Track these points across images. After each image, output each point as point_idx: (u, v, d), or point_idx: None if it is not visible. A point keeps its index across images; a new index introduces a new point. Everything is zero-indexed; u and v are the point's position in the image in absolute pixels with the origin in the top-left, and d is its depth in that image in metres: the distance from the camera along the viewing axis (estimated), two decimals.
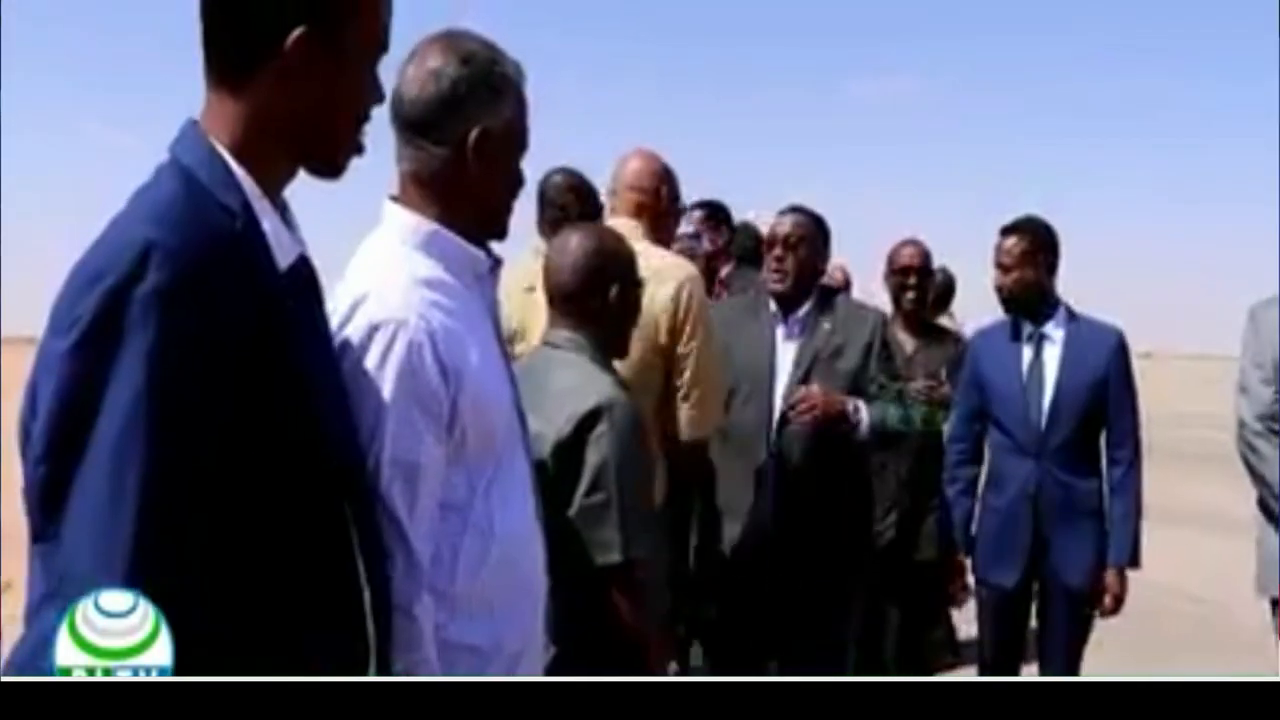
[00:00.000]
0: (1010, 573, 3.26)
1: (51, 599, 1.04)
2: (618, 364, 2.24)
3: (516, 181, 1.66)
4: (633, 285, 2.17)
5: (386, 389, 1.40)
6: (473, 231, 1.58)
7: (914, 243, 4.09)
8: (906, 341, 3.97)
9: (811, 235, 3.26)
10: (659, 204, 2.95)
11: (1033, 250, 3.31)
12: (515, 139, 1.62)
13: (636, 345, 2.38)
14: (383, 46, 1.31)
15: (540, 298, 2.32)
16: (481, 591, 1.50)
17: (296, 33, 1.19)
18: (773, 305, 3.28)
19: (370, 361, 1.41)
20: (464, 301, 1.53)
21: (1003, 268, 3.33)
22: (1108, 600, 3.19)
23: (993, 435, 3.40)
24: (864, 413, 3.11)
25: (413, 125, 1.55)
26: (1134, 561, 3.23)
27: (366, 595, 1.26)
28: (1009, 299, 3.34)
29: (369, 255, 1.56)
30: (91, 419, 1.02)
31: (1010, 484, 3.29)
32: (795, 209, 3.32)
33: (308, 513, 1.19)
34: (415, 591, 1.39)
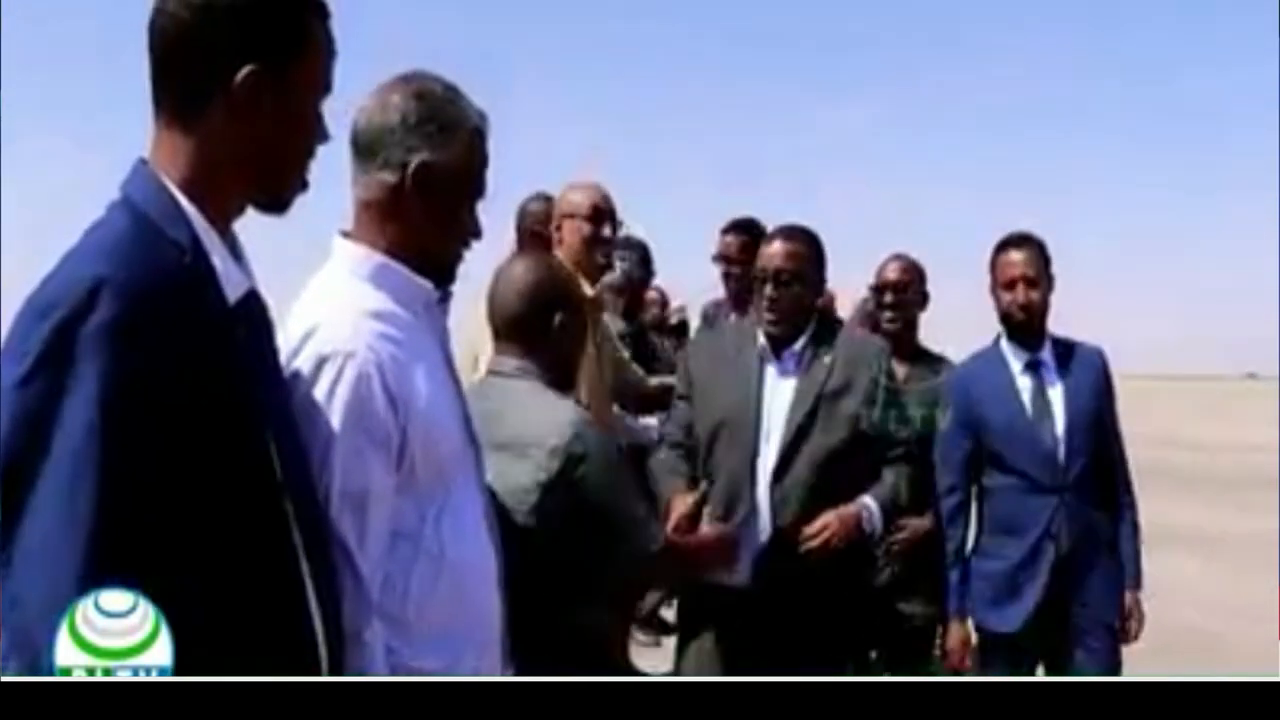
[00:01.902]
0: (1018, 619, 2.98)
1: (3, 624, 1.04)
2: None
3: (463, 226, 1.66)
4: (577, 314, 2.15)
5: (335, 420, 1.42)
6: (417, 266, 1.59)
7: (900, 257, 3.69)
8: (897, 368, 3.52)
9: (807, 266, 2.86)
10: (597, 231, 3.09)
11: (1046, 264, 3.05)
12: (462, 181, 1.62)
13: None
14: (326, 86, 1.33)
15: None
16: (435, 617, 1.52)
17: (246, 70, 1.21)
18: (761, 339, 2.90)
19: (319, 393, 1.42)
20: (413, 332, 1.55)
21: (1028, 282, 3.01)
22: (1133, 625, 3.00)
23: (998, 478, 3.07)
24: (875, 512, 2.78)
25: (361, 151, 1.59)
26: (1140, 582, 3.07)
27: (317, 622, 1.27)
28: (1028, 319, 3.03)
29: (318, 288, 1.57)
30: (43, 449, 1.04)
31: (1031, 526, 2.98)
32: (786, 233, 2.90)
33: (258, 540, 1.20)
34: (365, 617, 1.41)
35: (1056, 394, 3.03)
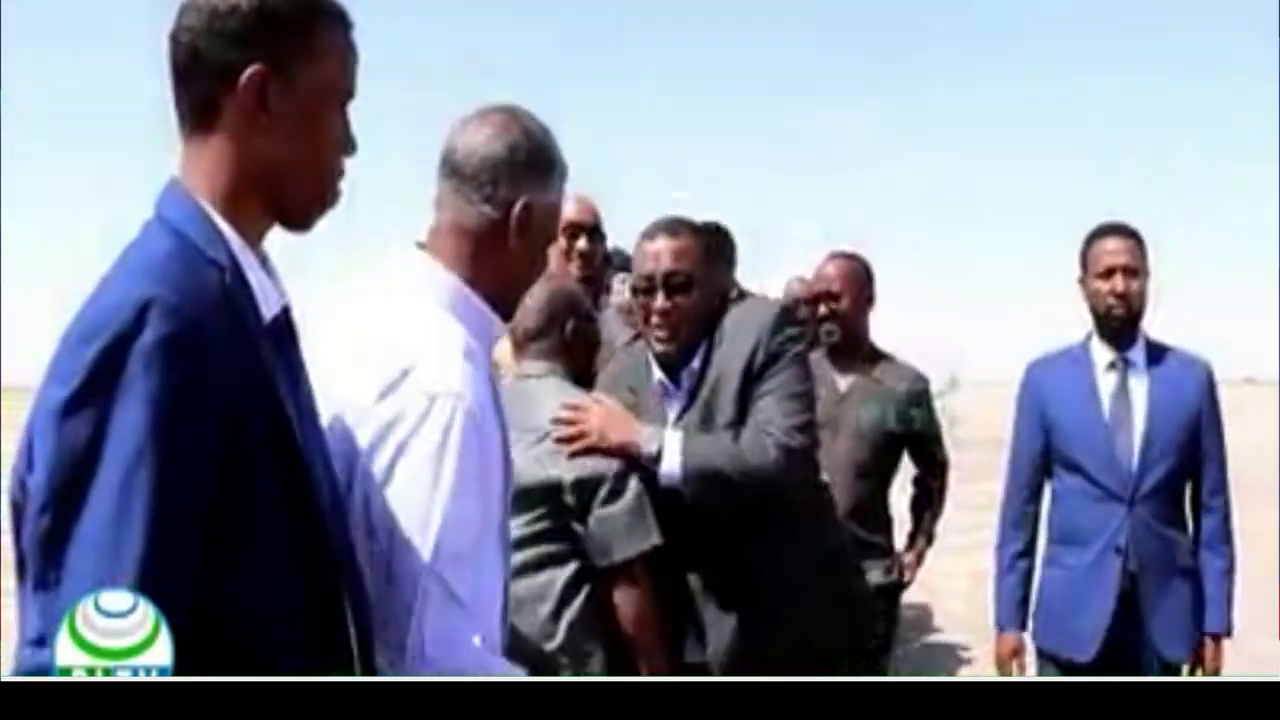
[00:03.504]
0: (1086, 643, 2.73)
1: (48, 644, 1.05)
2: None
3: (543, 264, 1.68)
4: (585, 321, 2.43)
5: (448, 466, 1.37)
6: (491, 300, 1.57)
7: (837, 258, 3.34)
8: (839, 379, 3.24)
9: (701, 266, 2.26)
10: (571, 245, 3.08)
11: (1144, 256, 2.80)
12: (553, 223, 1.65)
13: None
14: (347, 92, 1.31)
15: None
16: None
17: (250, 71, 1.20)
18: (656, 372, 2.32)
19: (431, 437, 1.38)
20: (486, 369, 1.52)
21: (1127, 271, 2.75)
22: (1207, 672, 2.73)
23: (1066, 481, 2.85)
24: (670, 446, 2.13)
25: (465, 179, 1.56)
26: (1229, 629, 2.79)
27: (353, 634, 1.27)
28: (1125, 312, 2.78)
29: (403, 311, 1.51)
30: (93, 468, 1.04)
31: (1094, 537, 2.75)
32: (670, 228, 2.27)
33: (300, 557, 1.20)
34: (491, 663, 1.40)
35: (1140, 397, 2.79)
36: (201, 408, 1.08)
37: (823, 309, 3.32)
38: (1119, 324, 2.80)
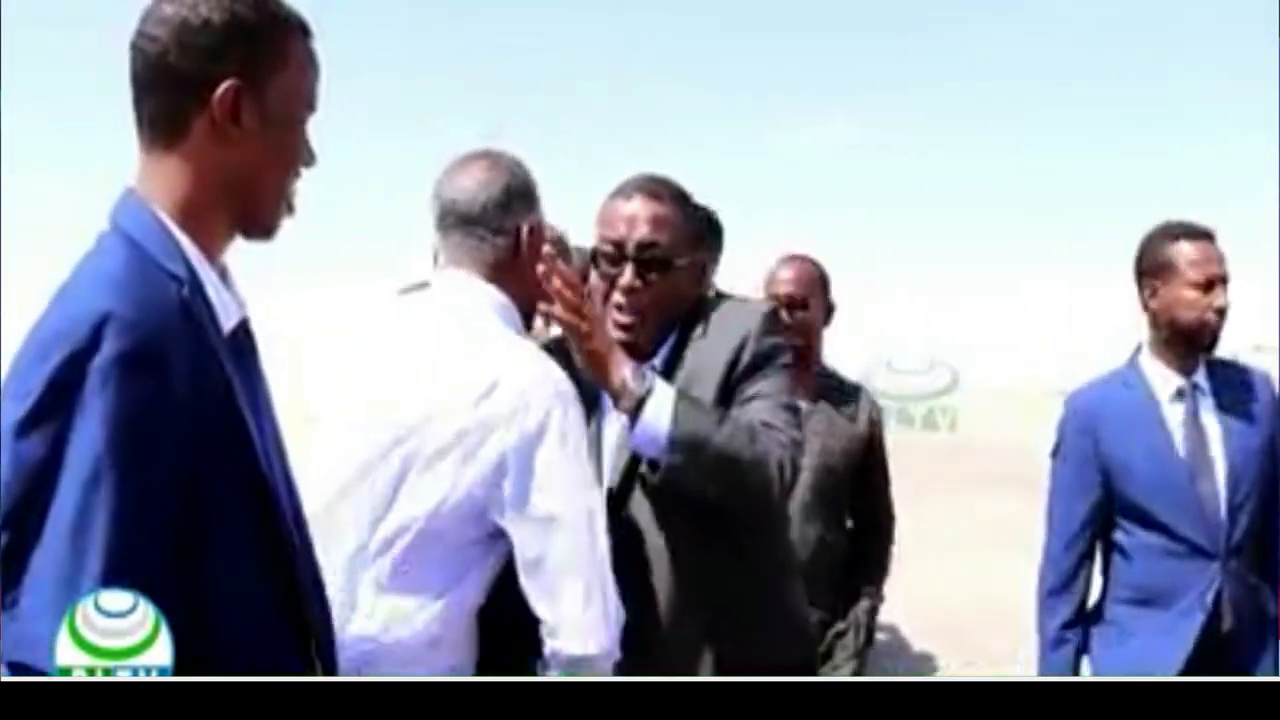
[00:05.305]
0: (1121, 668, 2.32)
1: (8, 664, 1.04)
2: None
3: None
4: None
5: (579, 453, 1.61)
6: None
7: (794, 262, 2.92)
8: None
9: (682, 238, 1.86)
10: None
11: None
12: (545, 237, 1.82)
13: None
14: (312, 104, 1.32)
15: None
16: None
17: (225, 85, 1.20)
18: None
19: (563, 434, 1.59)
20: None
21: (1225, 283, 2.30)
22: None
23: (1139, 538, 2.34)
24: (660, 394, 1.68)
25: (474, 221, 1.74)
26: None
27: (314, 641, 1.27)
28: (1215, 331, 2.33)
29: (471, 326, 1.69)
30: (51, 485, 1.03)
31: (1176, 600, 2.28)
32: (649, 189, 1.85)
33: (260, 568, 1.20)
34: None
35: (1215, 430, 2.33)
36: (160, 423, 1.07)
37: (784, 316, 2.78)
38: (1209, 344, 2.35)
